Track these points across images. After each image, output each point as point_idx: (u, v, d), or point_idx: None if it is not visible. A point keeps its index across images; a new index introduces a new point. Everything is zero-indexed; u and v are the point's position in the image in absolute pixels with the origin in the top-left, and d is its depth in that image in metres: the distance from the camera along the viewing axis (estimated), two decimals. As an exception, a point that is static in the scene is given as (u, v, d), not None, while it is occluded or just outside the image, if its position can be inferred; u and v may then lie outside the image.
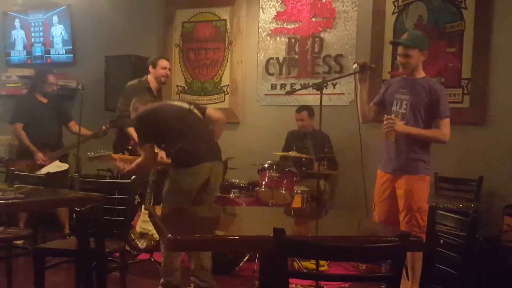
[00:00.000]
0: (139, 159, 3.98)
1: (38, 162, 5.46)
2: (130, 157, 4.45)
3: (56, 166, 5.54)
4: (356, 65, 3.89)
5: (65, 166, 5.62)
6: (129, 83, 5.14)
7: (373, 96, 4.03)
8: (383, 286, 3.47)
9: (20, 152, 5.67)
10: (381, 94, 3.94)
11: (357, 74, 3.94)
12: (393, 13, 5.42)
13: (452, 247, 2.58)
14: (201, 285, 3.86)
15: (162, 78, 5.12)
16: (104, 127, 5.41)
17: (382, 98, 3.91)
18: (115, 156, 4.41)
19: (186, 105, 4.07)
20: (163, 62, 5.12)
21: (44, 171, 5.20)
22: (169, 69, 5.25)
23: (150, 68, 5.12)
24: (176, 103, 4.22)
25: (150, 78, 5.12)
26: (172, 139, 3.91)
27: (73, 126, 5.75)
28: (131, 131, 4.82)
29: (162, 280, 3.89)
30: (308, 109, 5.39)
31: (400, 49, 3.77)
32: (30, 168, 5.38)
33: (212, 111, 4.17)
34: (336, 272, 4.44)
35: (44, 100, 5.70)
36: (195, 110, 4.03)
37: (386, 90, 3.89)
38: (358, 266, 4.66)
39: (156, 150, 4.13)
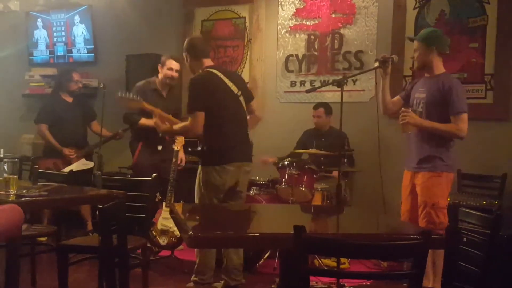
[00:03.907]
0: (186, 123, 3.81)
1: (67, 157, 5.53)
2: (167, 115, 4.31)
3: (82, 164, 5.60)
4: (377, 63, 3.91)
5: (91, 164, 5.66)
6: (137, 83, 5.06)
7: (394, 90, 4.05)
8: (405, 284, 3.44)
9: (46, 151, 5.74)
10: (408, 90, 3.98)
11: (378, 69, 3.96)
12: (414, 8, 5.36)
13: (475, 244, 2.55)
14: (230, 283, 3.87)
15: (167, 80, 4.97)
16: (120, 131, 5.48)
17: (409, 93, 3.95)
18: (151, 108, 4.25)
19: (235, 89, 3.85)
20: (170, 63, 4.97)
21: (70, 169, 5.26)
22: (177, 71, 5.03)
23: (159, 67, 5.01)
24: (228, 81, 3.86)
25: (159, 78, 5.03)
26: (214, 118, 3.76)
27: (95, 125, 5.80)
28: (144, 121, 4.85)
29: (194, 278, 3.90)
30: (326, 106, 5.37)
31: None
32: (56, 166, 5.46)
33: (256, 105, 4.09)
34: (357, 269, 4.42)
35: (69, 99, 5.76)
36: (241, 98, 3.87)
37: (412, 87, 3.92)
38: (380, 264, 4.63)
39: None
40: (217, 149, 3.80)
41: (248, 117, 3.99)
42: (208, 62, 3.93)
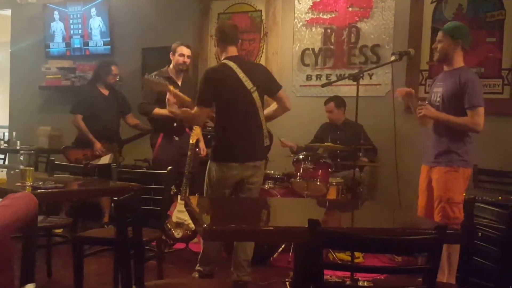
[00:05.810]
0: (192, 111, 3.80)
1: (97, 153, 5.58)
2: (186, 98, 4.22)
3: (111, 158, 5.65)
4: (393, 56, 3.91)
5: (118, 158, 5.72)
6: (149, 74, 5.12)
7: (411, 84, 4.05)
8: (420, 279, 3.43)
9: (77, 141, 5.78)
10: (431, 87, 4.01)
11: (394, 64, 3.96)
12: (432, 2, 5.31)
13: (490, 240, 2.53)
14: (239, 276, 3.87)
15: (179, 66, 4.95)
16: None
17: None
18: (171, 88, 4.07)
19: (249, 84, 3.72)
20: (181, 49, 4.94)
21: (100, 161, 5.31)
22: (188, 56, 5.01)
23: (171, 55, 5.00)
24: (242, 75, 3.72)
25: (171, 67, 5.03)
26: (221, 115, 3.78)
27: (130, 118, 5.83)
28: (158, 111, 4.86)
29: (198, 267, 3.92)
30: (336, 100, 5.34)
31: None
32: (87, 157, 5.48)
33: (285, 95, 3.96)
34: (372, 264, 4.41)
35: (105, 92, 5.78)
36: (255, 94, 3.73)
37: (432, 83, 3.94)
38: (394, 258, 4.62)
39: None
40: (223, 146, 3.80)
41: (274, 107, 3.96)
42: (232, 51, 3.83)
